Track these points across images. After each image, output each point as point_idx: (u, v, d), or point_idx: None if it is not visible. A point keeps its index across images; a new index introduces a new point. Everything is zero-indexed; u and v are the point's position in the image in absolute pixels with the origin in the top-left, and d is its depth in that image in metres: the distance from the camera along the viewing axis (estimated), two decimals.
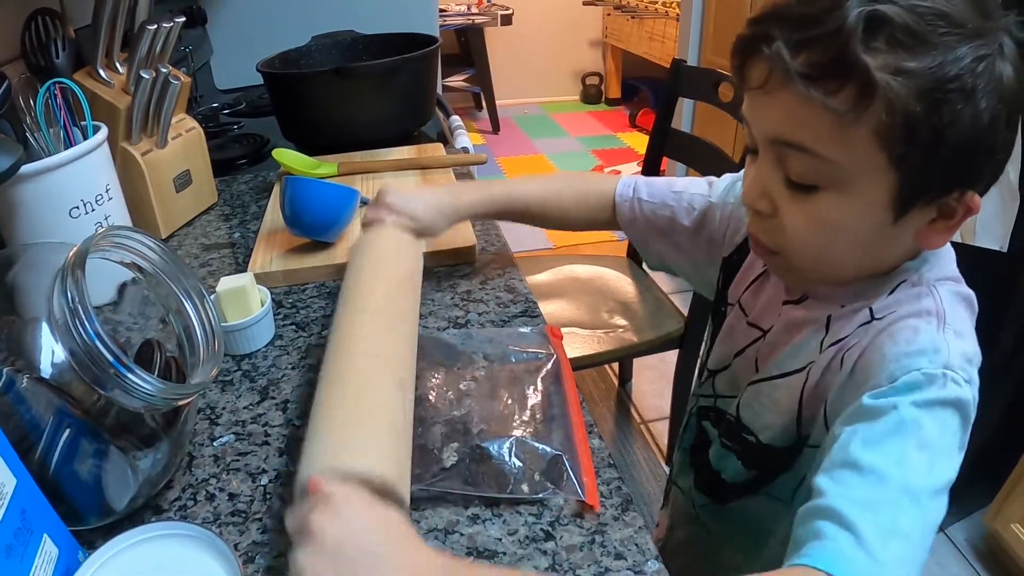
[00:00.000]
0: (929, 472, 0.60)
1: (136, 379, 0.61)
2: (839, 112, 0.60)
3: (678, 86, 2.04)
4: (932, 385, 0.63)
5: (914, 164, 0.62)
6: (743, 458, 0.89)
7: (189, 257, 1.25)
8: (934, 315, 0.68)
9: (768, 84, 0.65)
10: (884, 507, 0.58)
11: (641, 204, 1.05)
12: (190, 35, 2.10)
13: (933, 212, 0.67)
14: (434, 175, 1.50)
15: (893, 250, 0.72)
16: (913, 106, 0.58)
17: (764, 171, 0.71)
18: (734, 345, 0.93)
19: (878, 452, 0.60)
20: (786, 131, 0.66)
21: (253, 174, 1.64)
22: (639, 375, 2.78)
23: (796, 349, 0.80)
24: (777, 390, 0.82)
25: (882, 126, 0.60)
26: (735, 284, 0.95)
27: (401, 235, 0.98)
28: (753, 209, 0.74)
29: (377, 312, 0.83)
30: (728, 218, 0.97)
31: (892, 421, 0.61)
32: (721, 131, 2.75)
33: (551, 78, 6.79)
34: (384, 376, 0.74)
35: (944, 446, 0.62)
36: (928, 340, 0.65)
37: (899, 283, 0.72)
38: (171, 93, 1.25)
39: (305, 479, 0.61)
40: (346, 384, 0.72)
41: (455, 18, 5.50)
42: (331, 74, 1.57)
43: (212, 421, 0.86)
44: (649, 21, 5.51)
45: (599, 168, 4.88)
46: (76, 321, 0.60)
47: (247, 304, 0.96)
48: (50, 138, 1.02)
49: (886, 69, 0.58)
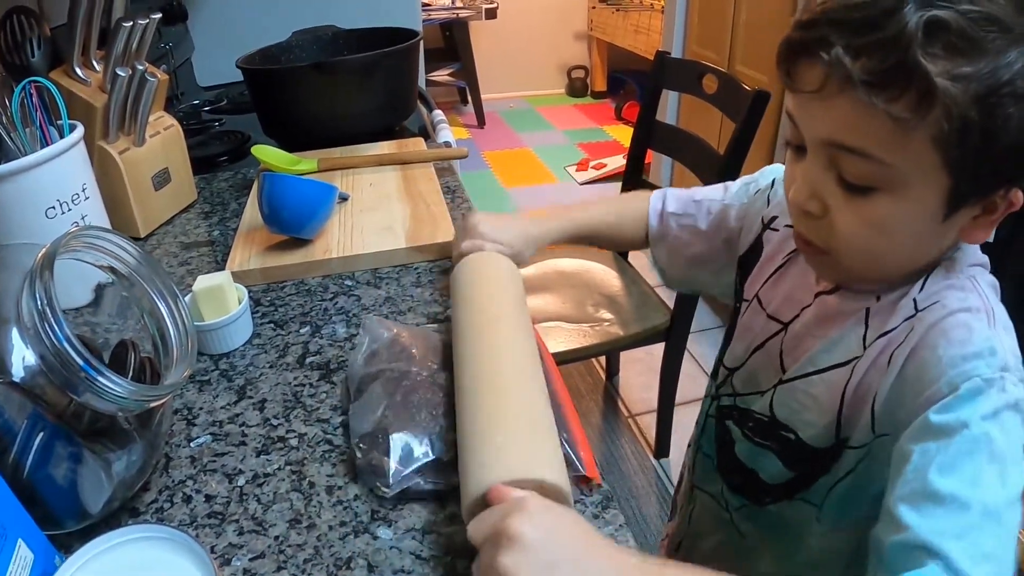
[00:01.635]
0: (1003, 485, 0.61)
1: (107, 382, 0.61)
2: (901, 119, 0.60)
3: (662, 78, 2.04)
4: (992, 390, 0.63)
5: (967, 166, 0.62)
6: (783, 457, 0.88)
7: (168, 256, 1.24)
8: (983, 311, 0.69)
9: (824, 90, 0.64)
10: (970, 533, 0.59)
11: (669, 217, 1.08)
12: (170, 32, 2.09)
13: (978, 209, 0.68)
14: (415, 169, 1.49)
15: (938, 246, 0.72)
16: (970, 110, 0.58)
17: (814, 172, 0.70)
18: (752, 340, 0.93)
19: (955, 477, 0.61)
20: (844, 135, 0.65)
21: (233, 171, 1.63)
22: (626, 368, 2.78)
23: (834, 343, 0.79)
24: (815, 387, 0.81)
25: (939, 132, 0.60)
26: (751, 280, 0.96)
27: (506, 261, 0.99)
28: (803, 210, 0.73)
29: (511, 320, 0.85)
30: (742, 218, 0.98)
31: (965, 441, 0.62)
32: (706, 123, 2.75)
33: (536, 72, 6.78)
34: (533, 383, 0.76)
35: (1012, 452, 0.63)
36: (983, 340, 0.66)
37: (932, 269, 0.73)
38: (148, 90, 1.24)
39: (482, 488, 0.63)
40: (500, 393, 0.73)
41: (439, 12, 5.49)
42: (311, 69, 1.56)
43: (189, 422, 0.85)
44: (634, 14, 5.50)
45: (584, 163, 4.88)
46: (45, 324, 0.59)
47: (224, 303, 0.96)
48: (26, 138, 1.01)
49: (945, 75, 0.58)
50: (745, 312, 0.96)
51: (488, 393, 0.74)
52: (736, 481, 0.98)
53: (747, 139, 1.69)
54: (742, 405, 0.95)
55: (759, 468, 0.92)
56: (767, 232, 0.95)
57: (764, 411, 0.89)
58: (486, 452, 0.67)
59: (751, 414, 0.93)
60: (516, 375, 0.76)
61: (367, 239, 1.20)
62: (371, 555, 0.68)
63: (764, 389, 0.90)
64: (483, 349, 0.80)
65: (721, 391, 1.01)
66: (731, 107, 1.76)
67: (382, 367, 0.83)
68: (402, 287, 1.11)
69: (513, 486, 0.62)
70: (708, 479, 1.04)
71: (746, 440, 0.94)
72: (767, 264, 0.94)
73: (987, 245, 0.75)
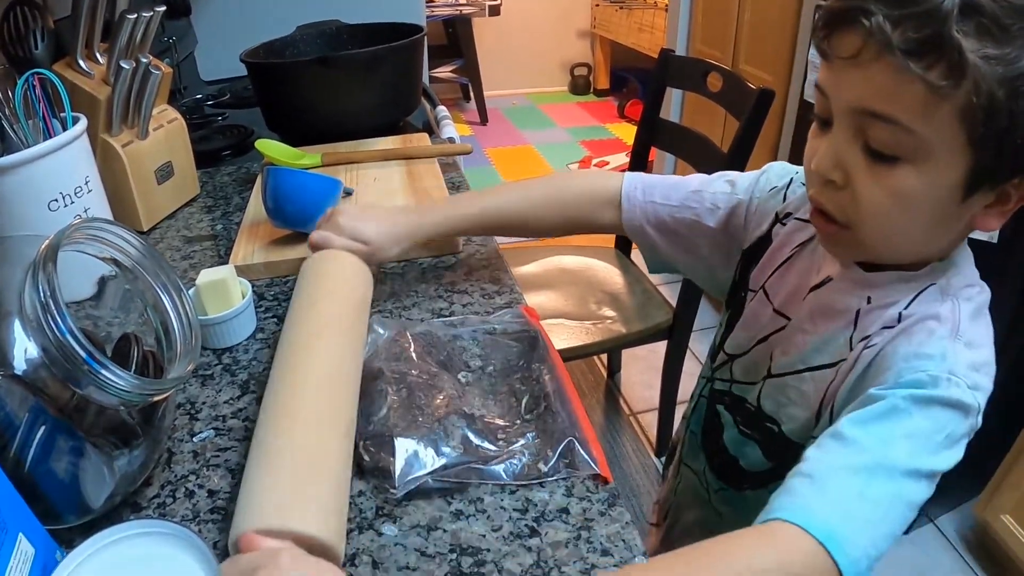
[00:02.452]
0: (909, 457, 0.64)
1: (110, 375, 0.60)
2: (935, 85, 0.62)
3: (666, 76, 2.03)
4: (932, 385, 0.66)
5: (989, 146, 0.64)
6: (764, 448, 0.91)
7: (171, 250, 1.24)
8: (948, 322, 0.71)
9: (861, 55, 0.66)
10: (857, 473, 0.63)
11: (656, 207, 1.04)
12: (174, 26, 2.08)
13: (992, 197, 0.69)
14: (419, 165, 1.49)
15: (950, 232, 0.74)
16: (996, 90, 0.61)
17: (840, 141, 0.71)
18: (758, 331, 0.94)
19: (864, 429, 0.65)
20: (876, 102, 0.67)
21: (237, 165, 1.63)
22: (628, 366, 2.77)
23: (824, 342, 0.81)
24: (804, 383, 0.83)
25: (967, 105, 0.62)
26: (759, 270, 0.96)
27: (351, 260, 0.97)
28: (825, 179, 0.73)
29: (330, 338, 0.82)
30: (753, 213, 0.97)
31: (884, 407, 0.66)
32: (710, 121, 2.74)
33: (539, 69, 6.77)
34: (332, 424, 0.73)
35: (932, 442, 0.66)
36: (938, 346, 0.69)
37: (927, 287, 0.75)
38: (152, 83, 1.23)
39: (237, 533, 0.62)
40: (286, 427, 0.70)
41: (443, 8, 5.49)
42: (315, 63, 1.56)
43: (192, 416, 0.84)
44: (638, 11, 5.50)
45: (586, 160, 4.88)
46: (48, 316, 0.59)
47: (228, 297, 0.95)
48: (29, 130, 1.00)
49: (976, 52, 0.60)
50: (751, 301, 0.96)
51: (276, 424, 0.71)
52: (717, 463, 1.01)
53: (751, 137, 1.68)
54: (737, 392, 0.97)
55: (741, 456, 0.95)
56: (777, 226, 0.95)
57: (753, 402, 0.92)
58: (251, 493, 0.65)
59: (744, 403, 0.95)
60: (313, 406, 0.73)
61: None
62: (376, 551, 0.68)
63: (755, 380, 0.92)
64: (287, 373, 0.77)
65: (717, 375, 1.01)
66: (735, 105, 1.75)
67: (381, 365, 0.83)
68: (406, 282, 1.10)
69: (269, 534, 0.61)
70: (693, 456, 1.07)
71: (734, 427, 0.96)
72: (775, 255, 0.94)
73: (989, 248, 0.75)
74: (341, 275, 0.93)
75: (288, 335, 0.83)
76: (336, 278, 0.92)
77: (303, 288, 0.91)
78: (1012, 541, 1.79)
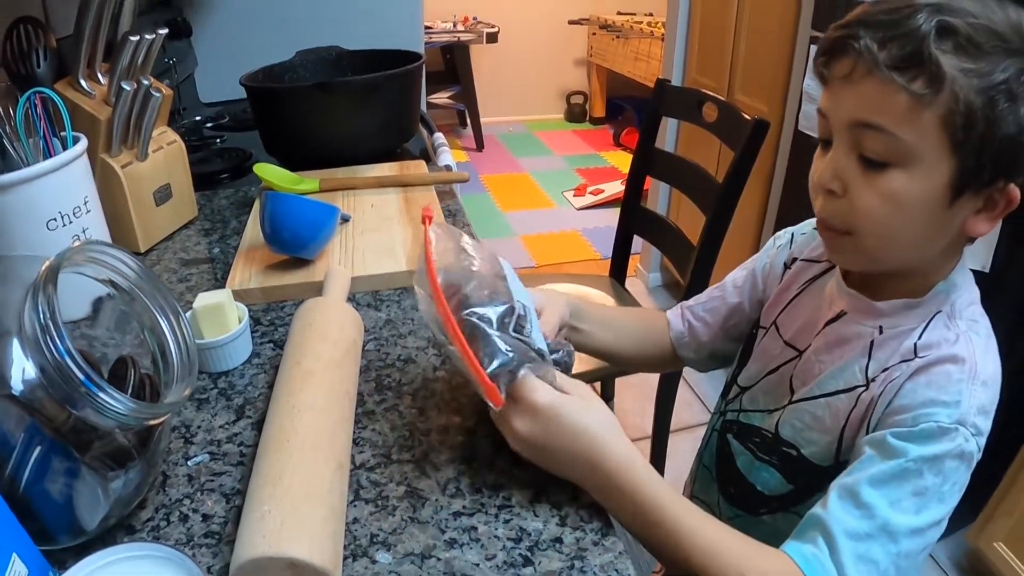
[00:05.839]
0: (916, 514, 0.74)
1: (107, 398, 0.60)
2: (917, 94, 0.71)
3: (662, 106, 2.04)
4: (944, 437, 0.74)
5: (969, 150, 0.72)
6: (782, 471, 0.96)
7: (168, 272, 1.24)
8: (967, 363, 0.78)
9: (854, 74, 0.75)
10: (864, 539, 0.73)
11: (691, 310, 1.17)
12: (175, 47, 2.09)
13: (980, 202, 0.77)
14: (416, 192, 1.49)
15: (942, 239, 0.80)
16: (974, 98, 0.70)
17: (839, 155, 0.79)
18: (768, 363, 1.02)
19: (878, 491, 0.74)
20: (866, 113, 0.75)
21: (234, 188, 1.63)
22: (621, 394, 2.77)
23: (840, 370, 0.88)
24: (821, 409, 0.90)
25: (947, 112, 0.71)
26: (768, 308, 1.06)
27: (345, 304, 1.00)
28: (826, 189, 0.81)
29: (323, 380, 0.83)
30: (767, 275, 1.09)
31: (898, 467, 0.74)
32: (705, 151, 2.75)
33: (536, 96, 6.82)
34: (327, 459, 0.73)
35: (939, 492, 0.75)
36: (955, 392, 0.76)
37: (935, 313, 0.83)
38: (152, 105, 1.24)
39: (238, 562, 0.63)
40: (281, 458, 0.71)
41: (441, 35, 5.53)
42: (314, 89, 1.57)
43: (187, 440, 0.84)
44: (634, 41, 5.55)
45: (581, 188, 4.90)
46: (47, 338, 0.59)
47: (224, 321, 0.95)
48: (29, 148, 1.01)
49: (953, 67, 0.70)
50: (763, 338, 1.05)
51: (273, 454, 0.72)
52: (732, 492, 1.06)
53: (746, 168, 1.69)
54: (744, 420, 1.04)
55: (757, 481, 1.00)
56: (787, 271, 1.05)
57: (770, 429, 0.98)
58: (249, 520, 0.66)
59: (755, 430, 1.02)
60: (307, 447, 0.73)
61: (368, 261, 1.20)
62: None
63: (772, 408, 0.99)
64: (283, 406, 0.78)
65: (729, 407, 1.09)
66: (730, 136, 1.76)
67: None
68: (403, 310, 1.11)
69: (263, 563, 0.63)
70: (705, 490, 1.12)
71: (747, 454, 1.02)
72: (783, 293, 1.04)
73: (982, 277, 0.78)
74: (336, 320, 0.95)
75: (284, 375, 0.84)
76: (331, 324, 0.94)
77: (297, 330, 0.92)
78: (1005, 568, 1.80)
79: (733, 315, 1.13)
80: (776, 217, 2.56)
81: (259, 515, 0.65)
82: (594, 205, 4.69)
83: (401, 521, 0.73)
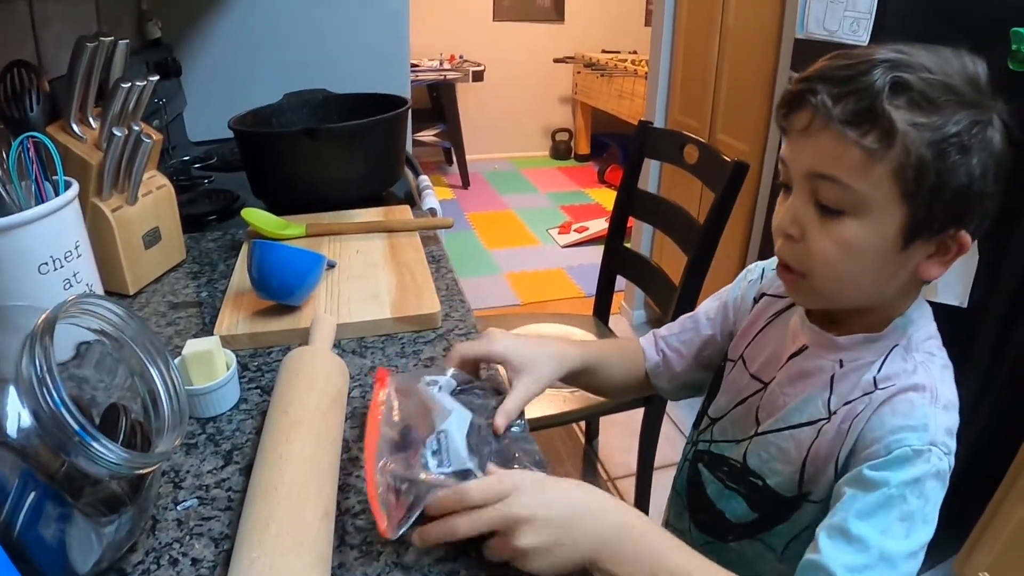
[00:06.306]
0: (906, 538, 0.75)
1: (100, 448, 0.62)
2: (869, 149, 0.74)
3: (645, 147, 2.07)
4: (919, 460, 0.77)
5: (920, 200, 0.75)
6: (748, 500, 0.99)
7: (156, 315, 1.25)
8: (928, 390, 0.81)
9: (811, 127, 0.79)
10: (863, 570, 0.74)
11: (665, 340, 1.20)
12: (164, 87, 2.11)
13: (932, 247, 0.80)
14: (401, 238, 1.51)
15: (895, 281, 0.84)
16: (925, 152, 0.73)
17: (798, 202, 0.83)
18: (736, 395, 1.05)
19: (867, 523, 0.75)
20: (822, 165, 0.79)
21: (222, 231, 1.65)
22: (606, 432, 2.78)
23: (803, 403, 0.91)
24: (785, 440, 0.92)
25: (899, 166, 0.74)
26: (736, 341, 1.09)
27: (331, 354, 1.01)
28: (785, 234, 0.85)
29: (310, 429, 0.84)
30: (738, 308, 1.13)
31: (884, 497, 0.76)
32: (687, 192, 2.79)
33: (521, 134, 6.88)
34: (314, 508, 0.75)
35: (924, 514, 0.76)
36: (921, 416, 0.79)
37: (892, 347, 0.86)
38: (143, 151, 1.26)
39: None
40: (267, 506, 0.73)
41: (427, 73, 5.58)
42: (301, 134, 1.58)
43: (176, 484, 0.85)
44: (618, 79, 5.61)
45: (566, 226, 4.93)
46: (43, 389, 0.60)
47: (213, 367, 0.97)
48: (22, 191, 1.02)
49: (905, 122, 0.73)
50: (732, 371, 1.08)
51: (261, 501, 0.74)
52: (702, 519, 1.09)
53: (726, 209, 1.72)
54: (715, 451, 1.07)
55: (725, 508, 1.03)
56: (755, 305, 1.08)
57: (738, 459, 1.01)
58: (238, 566, 0.67)
59: (725, 459, 1.04)
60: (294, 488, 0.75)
61: (353, 308, 1.22)
62: None
63: (740, 439, 1.02)
64: (270, 455, 0.80)
65: (700, 438, 1.12)
66: (711, 177, 1.79)
67: None
68: (387, 357, 1.12)
69: None
70: (678, 516, 1.15)
71: (717, 482, 1.05)
72: (751, 327, 1.07)
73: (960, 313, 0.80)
74: (323, 369, 0.96)
75: (272, 423, 0.86)
76: (318, 373, 0.95)
77: (284, 380, 0.94)
78: None
79: (706, 347, 1.16)
80: (757, 256, 2.57)
81: (248, 561, 0.67)
82: (579, 243, 4.72)
83: (386, 566, 0.75)
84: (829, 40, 1.95)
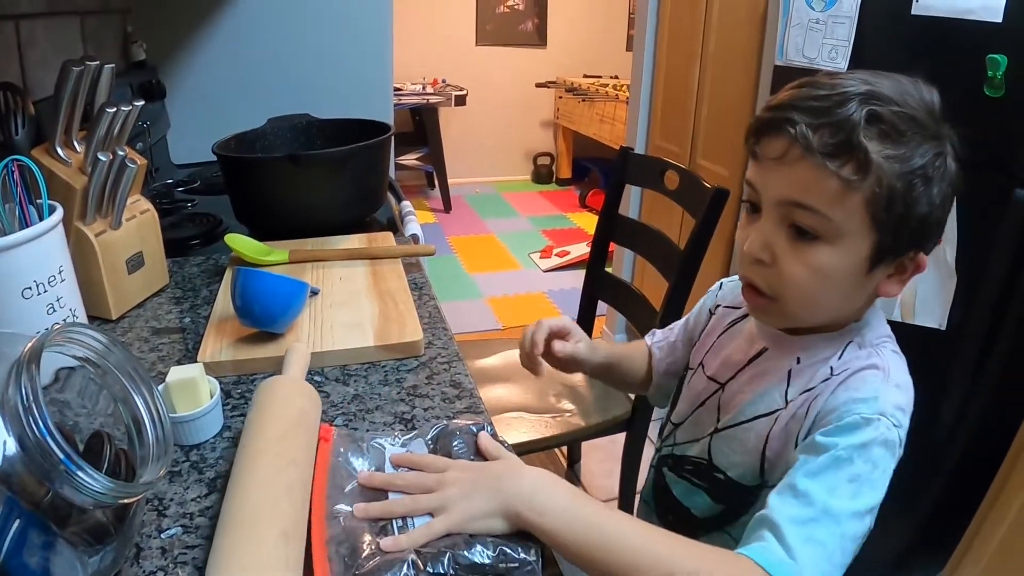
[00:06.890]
0: (852, 499, 0.78)
1: (85, 477, 0.62)
2: (847, 180, 0.78)
3: (626, 173, 2.08)
4: (868, 427, 0.80)
5: (888, 228, 0.80)
6: (712, 494, 1.04)
7: (139, 341, 1.24)
8: (881, 369, 0.86)
9: (787, 156, 0.81)
10: (807, 523, 0.76)
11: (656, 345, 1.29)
12: (148, 109, 2.11)
13: (892, 268, 0.86)
14: (383, 265, 1.51)
15: (860, 298, 0.89)
16: (895, 182, 0.78)
17: (768, 227, 0.86)
18: (696, 399, 1.10)
19: (814, 481, 0.78)
20: (799, 194, 0.82)
21: (205, 256, 1.64)
22: (588, 456, 2.79)
23: (760, 396, 0.96)
24: (746, 432, 0.97)
25: (871, 195, 0.78)
26: (696, 350, 1.15)
27: (292, 379, 1.01)
28: (755, 259, 0.88)
29: (266, 455, 0.84)
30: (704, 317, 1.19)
31: (830, 458, 0.79)
32: (668, 217, 2.80)
33: (503, 158, 6.91)
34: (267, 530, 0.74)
35: (871, 479, 0.79)
36: (872, 389, 0.83)
37: (847, 343, 0.91)
38: (127, 176, 1.26)
39: None
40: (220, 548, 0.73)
41: (410, 97, 5.60)
42: (284, 160, 1.59)
43: (160, 512, 0.85)
44: (600, 104, 5.66)
45: (548, 250, 4.95)
46: (29, 418, 0.60)
47: (196, 395, 0.96)
48: (5, 214, 1.02)
49: (878, 153, 0.77)
50: (691, 378, 1.14)
51: (218, 535, 0.75)
52: (671, 519, 1.13)
53: (707, 235, 1.73)
54: (678, 453, 1.12)
55: (692, 505, 1.08)
56: (711, 317, 1.14)
57: (702, 455, 1.05)
58: None
59: (688, 459, 1.09)
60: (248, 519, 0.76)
61: (336, 335, 1.21)
62: None
63: (700, 437, 1.07)
64: (231, 489, 0.81)
65: (664, 444, 1.18)
66: (691, 203, 1.80)
67: None
68: (370, 385, 1.12)
69: None
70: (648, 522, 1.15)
71: (683, 482, 1.10)
72: (708, 338, 1.14)
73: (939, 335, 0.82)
74: (283, 394, 0.96)
75: (236, 459, 0.86)
76: (278, 399, 0.95)
77: (250, 414, 0.94)
78: None
79: (672, 353, 1.26)
80: None
81: None
82: (560, 267, 4.74)
83: None
84: (808, 67, 1.98)
